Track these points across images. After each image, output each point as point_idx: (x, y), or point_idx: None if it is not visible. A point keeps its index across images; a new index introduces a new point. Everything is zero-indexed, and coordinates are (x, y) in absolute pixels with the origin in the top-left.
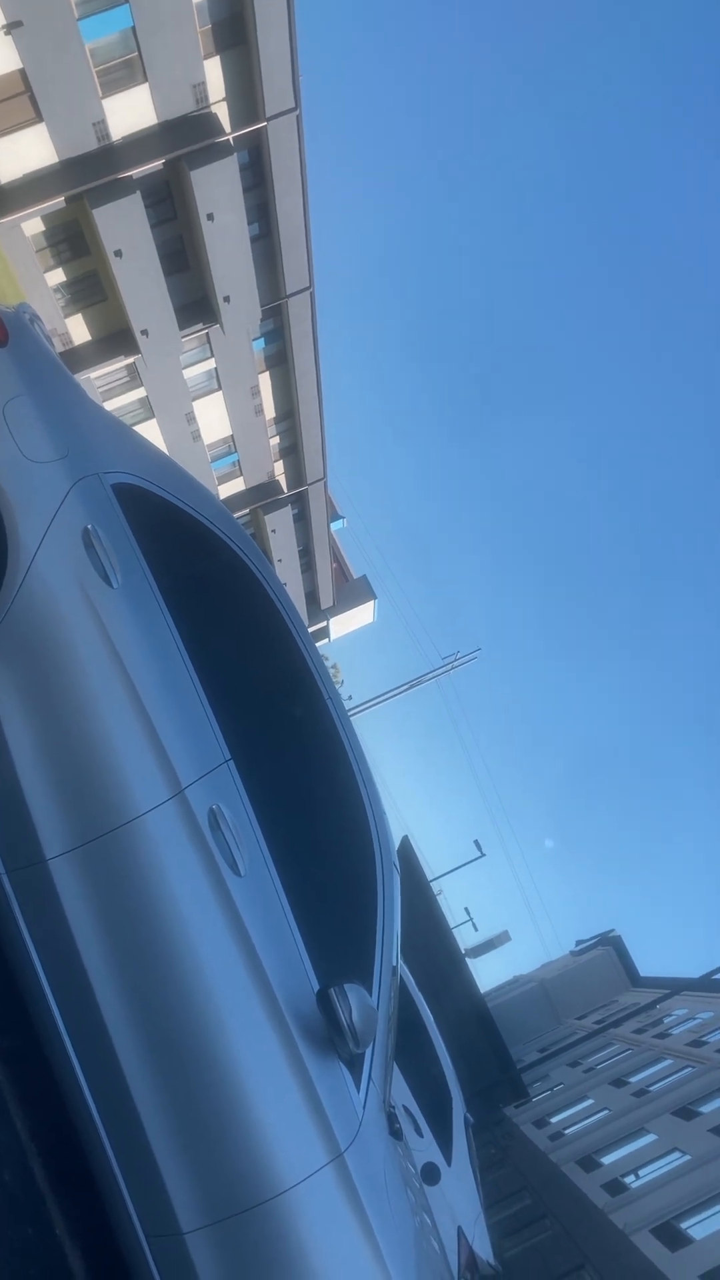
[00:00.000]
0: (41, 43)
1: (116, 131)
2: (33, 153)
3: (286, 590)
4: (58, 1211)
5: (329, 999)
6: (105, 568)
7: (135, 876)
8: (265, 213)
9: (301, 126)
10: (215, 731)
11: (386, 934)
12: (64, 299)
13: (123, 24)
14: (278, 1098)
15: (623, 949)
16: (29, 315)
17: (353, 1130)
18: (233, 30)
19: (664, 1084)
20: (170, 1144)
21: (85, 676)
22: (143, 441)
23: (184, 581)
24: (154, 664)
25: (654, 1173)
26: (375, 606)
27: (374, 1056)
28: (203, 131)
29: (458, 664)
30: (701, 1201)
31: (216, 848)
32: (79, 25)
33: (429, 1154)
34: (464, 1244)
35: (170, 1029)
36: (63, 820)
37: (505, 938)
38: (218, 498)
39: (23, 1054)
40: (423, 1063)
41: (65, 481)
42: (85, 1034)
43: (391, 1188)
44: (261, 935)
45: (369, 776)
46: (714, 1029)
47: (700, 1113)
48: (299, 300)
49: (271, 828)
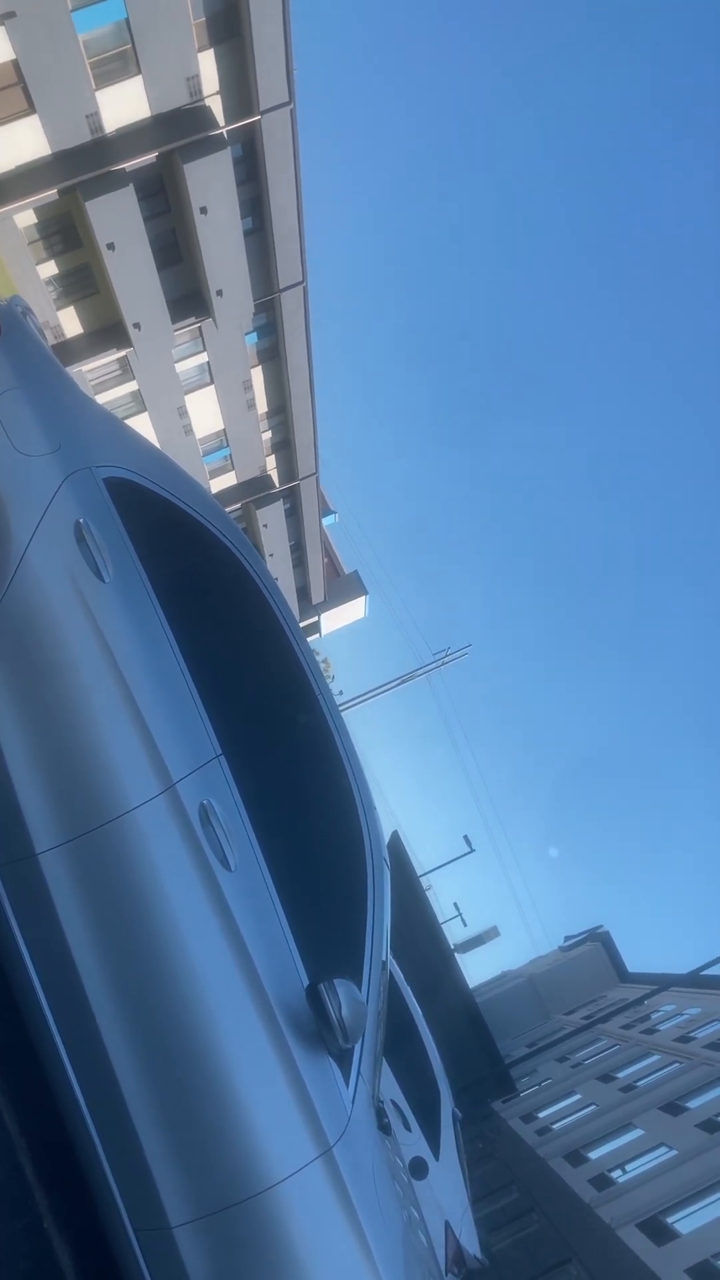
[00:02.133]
0: (35, 34)
1: (110, 124)
2: (25, 144)
3: (278, 585)
4: (46, 1206)
5: (318, 994)
6: (97, 562)
7: (126, 871)
8: (258, 207)
9: (295, 120)
10: (206, 726)
11: (376, 929)
12: (56, 292)
13: (116, 16)
14: (267, 1092)
15: (611, 945)
16: (21, 308)
17: (341, 1125)
18: (227, 23)
19: (651, 1079)
20: (159, 1138)
21: (76, 670)
22: (135, 435)
23: (176, 576)
24: (145, 658)
25: (641, 1167)
26: (366, 602)
27: (363, 1052)
28: (196, 125)
29: (448, 660)
30: (688, 1196)
31: (207, 842)
32: (73, 17)
33: (417, 1148)
34: (451, 1238)
35: (160, 1023)
36: (53, 815)
37: (494, 933)
38: (210, 492)
39: (11, 1048)
40: (412, 1058)
41: (57, 475)
42: (74, 1028)
43: (380, 1182)
44: (251, 930)
45: (360, 772)
46: (701, 1025)
47: (687, 1108)
48: (292, 294)
49: (262, 823)
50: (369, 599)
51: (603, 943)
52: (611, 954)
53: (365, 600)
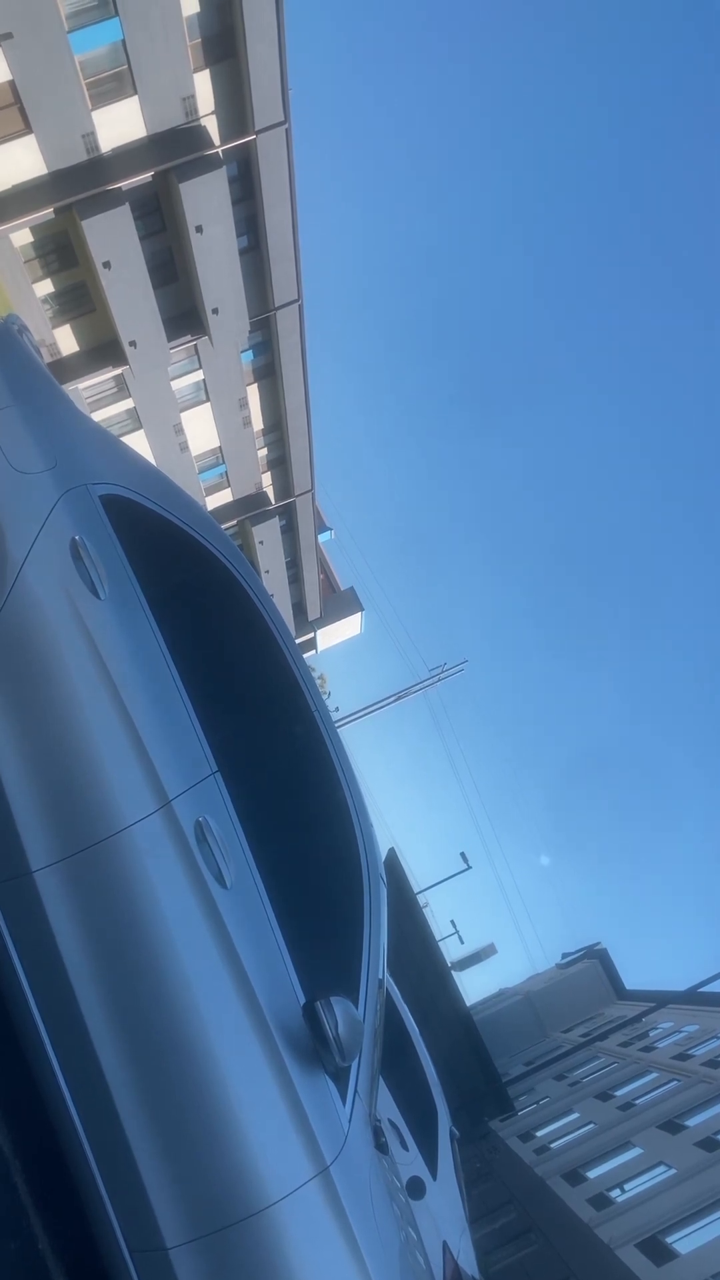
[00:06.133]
0: (31, 54)
1: (106, 143)
2: (22, 164)
3: (274, 602)
4: (41, 1227)
5: (315, 1012)
6: (93, 579)
7: (121, 889)
8: (254, 225)
9: (291, 139)
10: (202, 743)
11: (373, 947)
12: (52, 310)
13: (113, 37)
14: (263, 1111)
15: (608, 962)
16: (17, 326)
17: (338, 1144)
18: (223, 44)
19: (650, 1097)
20: (155, 1158)
21: (72, 688)
22: (130, 452)
23: (171, 593)
24: (141, 675)
25: (640, 1186)
26: (363, 618)
27: (360, 1070)
28: (192, 144)
29: (445, 676)
30: (687, 1215)
31: (203, 860)
32: (69, 38)
33: (414, 1168)
34: (449, 1258)
35: (155, 1041)
36: (49, 832)
37: (491, 950)
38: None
39: (6, 1066)
40: (408, 1076)
41: (53, 492)
42: (69, 1046)
43: (377, 1202)
44: (247, 948)
45: (356, 788)
46: (700, 1042)
47: (686, 1126)
48: (287, 312)
49: (258, 840)
50: (365, 615)
51: (600, 960)
52: (609, 971)
53: (361, 616)
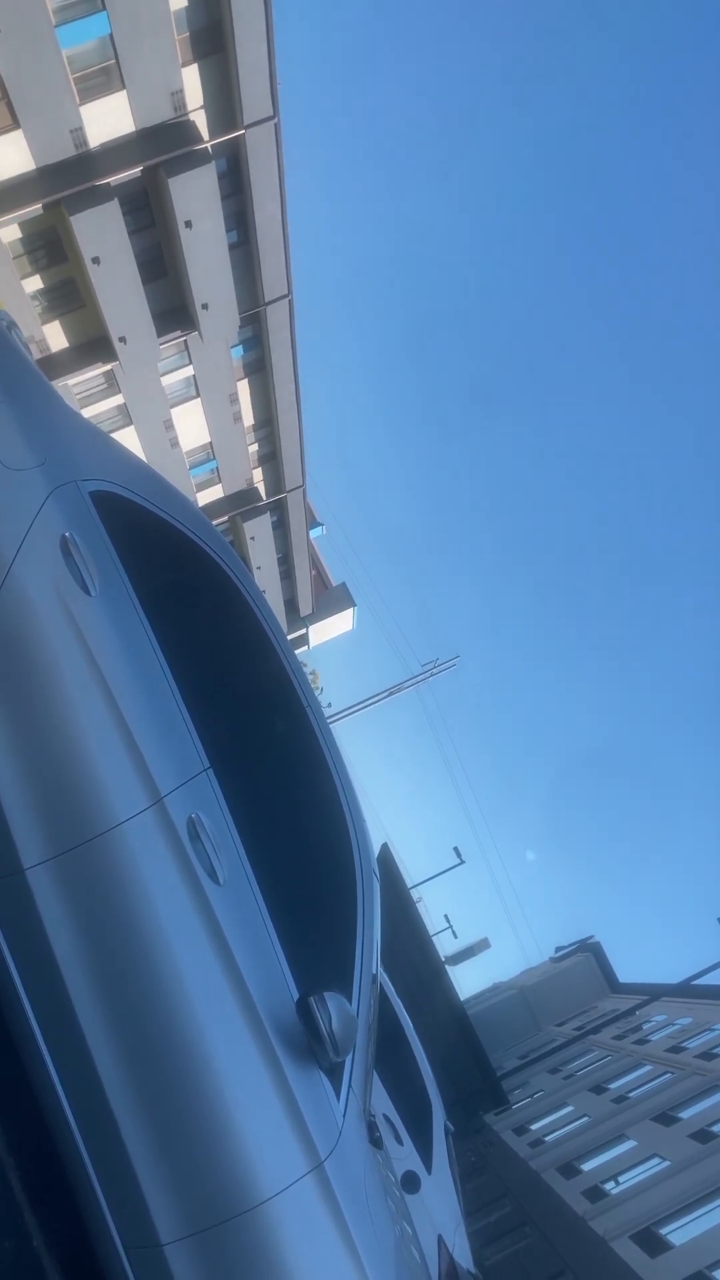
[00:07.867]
0: (18, 49)
1: (94, 138)
2: (9, 159)
3: (265, 598)
4: (36, 1224)
5: (309, 1007)
6: (83, 576)
7: (114, 885)
8: (243, 220)
9: (280, 134)
10: (194, 740)
11: (366, 942)
12: (41, 306)
13: (100, 31)
14: (257, 1107)
15: (602, 955)
16: (6, 322)
17: (333, 1139)
18: (211, 38)
19: (643, 1090)
20: (149, 1155)
21: (63, 685)
22: (121, 449)
23: (162, 589)
24: (132, 672)
25: (634, 1179)
26: (354, 614)
27: (354, 1065)
28: (181, 139)
29: (436, 671)
30: (681, 1207)
31: (195, 856)
32: (56, 32)
33: (409, 1162)
34: (444, 1252)
35: (149, 1038)
36: (41, 829)
37: (485, 945)
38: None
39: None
40: (403, 1071)
41: (43, 489)
42: (63, 1044)
43: (372, 1196)
44: (241, 944)
45: (348, 784)
46: (693, 1035)
47: (680, 1118)
48: (277, 308)
49: (251, 836)
50: (357, 611)
51: (593, 953)
52: (602, 964)
53: (353, 612)
